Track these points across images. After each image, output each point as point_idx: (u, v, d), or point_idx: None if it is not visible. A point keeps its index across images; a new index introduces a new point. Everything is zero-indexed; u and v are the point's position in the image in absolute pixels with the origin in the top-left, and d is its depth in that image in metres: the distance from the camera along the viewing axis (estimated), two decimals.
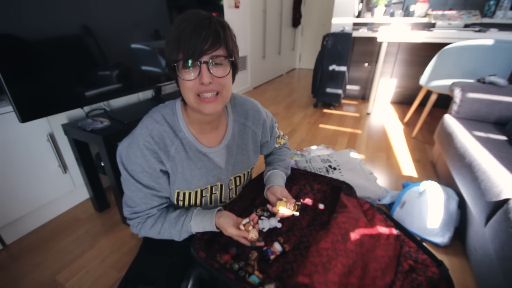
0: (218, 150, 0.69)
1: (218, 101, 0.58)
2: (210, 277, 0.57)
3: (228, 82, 0.58)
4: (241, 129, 0.74)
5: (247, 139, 0.76)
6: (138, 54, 1.20)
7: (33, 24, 0.85)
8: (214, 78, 0.54)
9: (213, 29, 0.51)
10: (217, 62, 0.54)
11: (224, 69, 0.55)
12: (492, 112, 1.32)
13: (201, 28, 0.51)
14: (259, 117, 0.77)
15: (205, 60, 0.52)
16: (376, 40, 2.60)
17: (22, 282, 0.95)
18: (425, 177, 1.55)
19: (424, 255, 0.69)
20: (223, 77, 0.56)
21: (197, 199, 0.71)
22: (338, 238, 0.65)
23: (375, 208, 0.79)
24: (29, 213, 1.16)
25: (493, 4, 2.53)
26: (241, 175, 0.79)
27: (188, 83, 0.54)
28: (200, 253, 0.59)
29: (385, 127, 2.33)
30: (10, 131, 1.02)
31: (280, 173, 0.82)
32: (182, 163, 0.65)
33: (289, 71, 5.04)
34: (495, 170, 0.87)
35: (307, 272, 0.57)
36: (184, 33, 0.50)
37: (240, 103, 0.75)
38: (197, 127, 0.66)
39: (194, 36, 0.50)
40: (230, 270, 0.56)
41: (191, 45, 0.50)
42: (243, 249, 0.72)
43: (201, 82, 0.53)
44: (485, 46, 1.69)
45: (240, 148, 0.75)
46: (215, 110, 0.58)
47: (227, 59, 0.55)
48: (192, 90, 0.55)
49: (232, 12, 2.84)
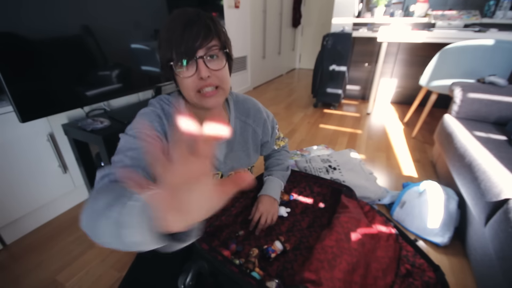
0: (218, 144, 0.70)
1: (219, 94, 0.58)
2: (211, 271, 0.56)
3: (225, 74, 0.58)
4: (242, 127, 0.75)
5: (247, 137, 0.77)
6: (138, 54, 1.20)
7: (34, 24, 0.85)
8: (212, 72, 0.55)
9: (203, 23, 0.52)
10: (212, 54, 0.54)
11: (220, 62, 0.56)
12: (492, 112, 1.32)
13: (191, 24, 0.51)
14: (260, 116, 0.78)
15: (200, 55, 0.52)
16: (376, 40, 2.60)
17: (22, 282, 0.95)
18: (425, 177, 1.54)
19: (421, 260, 0.69)
20: (220, 70, 0.56)
21: None
22: (342, 237, 0.66)
23: (375, 210, 0.80)
24: (29, 213, 1.16)
25: (493, 4, 2.53)
26: None
27: (187, 81, 0.54)
28: (203, 245, 0.59)
29: (385, 127, 2.33)
30: (10, 131, 1.02)
31: (275, 179, 0.84)
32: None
33: (289, 71, 5.04)
34: (495, 170, 0.87)
35: (314, 268, 0.58)
36: (176, 32, 0.51)
37: (242, 101, 0.76)
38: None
39: (185, 33, 0.51)
40: (234, 263, 0.56)
41: (184, 42, 0.51)
42: (243, 246, 0.72)
43: (199, 77, 0.53)
44: (485, 46, 1.69)
45: (240, 145, 0.76)
46: (217, 103, 0.58)
47: (221, 51, 0.55)
48: (192, 88, 0.55)
49: (232, 12, 2.83)
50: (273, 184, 0.83)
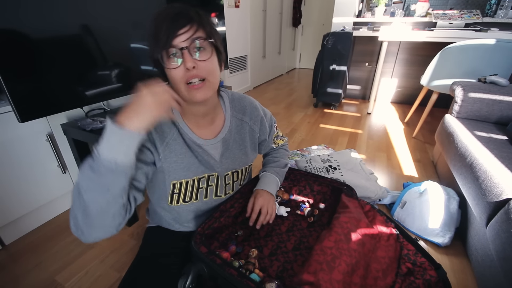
0: (213, 143, 0.69)
1: (206, 87, 0.58)
2: (210, 274, 0.56)
3: (212, 66, 0.58)
4: (238, 125, 0.74)
5: (244, 135, 0.76)
6: (137, 53, 1.20)
7: (33, 24, 0.84)
8: (198, 63, 0.54)
9: (186, 14, 0.53)
10: (197, 46, 0.54)
11: (206, 52, 0.56)
12: (493, 112, 1.32)
13: (175, 15, 0.52)
14: (257, 114, 0.77)
15: (185, 46, 0.52)
16: (376, 40, 2.59)
17: (22, 282, 0.95)
18: (425, 177, 1.54)
19: (423, 258, 0.69)
20: (206, 60, 0.55)
21: (193, 191, 0.70)
22: (341, 238, 0.65)
23: (375, 210, 0.79)
24: (29, 213, 1.15)
25: (494, 3, 2.52)
26: (238, 171, 0.78)
27: (175, 72, 0.54)
28: (201, 248, 0.58)
29: (385, 127, 2.32)
30: (9, 131, 1.02)
31: (269, 175, 0.83)
32: (178, 150, 0.64)
33: (289, 71, 5.03)
34: (496, 170, 0.86)
35: (312, 270, 0.57)
36: (160, 24, 0.52)
37: (238, 99, 0.75)
38: (193, 120, 0.66)
39: (169, 24, 0.51)
40: (233, 266, 0.56)
41: (168, 32, 0.51)
42: (243, 247, 0.72)
43: (185, 67, 0.54)
44: (486, 46, 1.68)
45: (237, 143, 0.75)
46: (205, 96, 0.58)
47: (207, 41, 0.55)
48: (179, 79, 0.55)
49: (232, 12, 2.83)
50: (268, 179, 0.82)
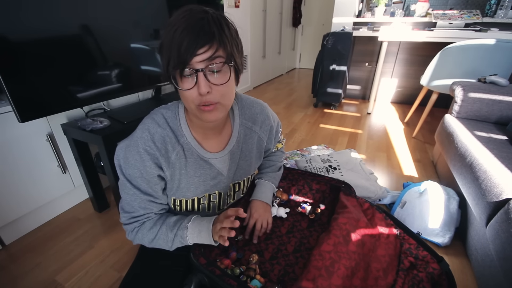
0: (221, 156, 0.66)
1: (218, 109, 0.53)
2: (211, 284, 0.56)
3: (228, 89, 0.52)
4: (247, 134, 0.70)
5: (252, 145, 0.72)
6: (137, 53, 1.20)
7: (33, 24, 0.84)
8: (213, 87, 0.49)
9: (207, 31, 0.46)
10: (211, 70, 0.48)
11: (224, 76, 0.50)
12: (493, 112, 1.32)
13: (193, 31, 0.46)
14: (268, 123, 0.74)
15: (200, 68, 0.47)
16: (376, 40, 2.59)
17: (22, 282, 0.95)
18: (425, 177, 1.54)
19: (425, 252, 0.69)
20: (223, 85, 0.50)
21: (194, 205, 0.70)
22: (340, 240, 0.65)
23: (374, 207, 0.79)
24: (29, 213, 1.15)
25: (494, 3, 2.52)
26: (240, 182, 0.76)
27: (187, 94, 0.50)
28: (200, 259, 0.58)
29: (385, 127, 2.32)
30: (9, 131, 1.01)
31: (265, 182, 0.83)
32: (180, 170, 0.62)
33: (289, 71, 5.03)
34: (496, 170, 0.86)
35: (311, 277, 0.57)
36: (175, 39, 0.46)
37: (249, 105, 0.70)
38: (200, 132, 0.63)
39: (185, 42, 0.45)
40: (232, 276, 0.56)
41: (183, 52, 0.45)
42: (243, 253, 0.72)
43: (198, 92, 0.49)
44: (486, 46, 1.68)
45: (243, 153, 0.71)
46: (216, 118, 0.54)
47: (226, 64, 0.49)
48: (191, 101, 0.51)
49: (232, 12, 2.83)
50: (264, 188, 0.81)
